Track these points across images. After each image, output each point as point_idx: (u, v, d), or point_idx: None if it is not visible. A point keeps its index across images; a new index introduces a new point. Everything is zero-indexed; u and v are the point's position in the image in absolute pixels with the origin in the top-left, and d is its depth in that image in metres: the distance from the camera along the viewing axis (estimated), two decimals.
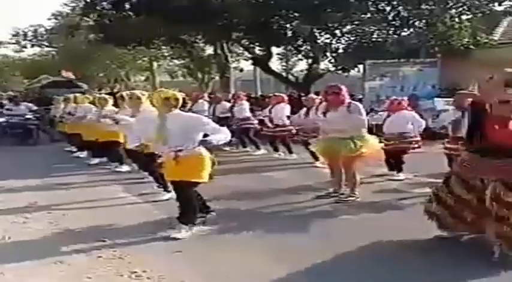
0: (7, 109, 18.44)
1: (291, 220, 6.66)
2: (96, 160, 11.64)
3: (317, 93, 13.82)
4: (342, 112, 7.48)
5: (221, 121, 11.63)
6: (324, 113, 7.60)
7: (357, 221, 6.57)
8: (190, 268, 4.94)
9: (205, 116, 8.41)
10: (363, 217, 6.74)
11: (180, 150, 5.88)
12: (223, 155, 11.60)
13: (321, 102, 8.12)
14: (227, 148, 13.16)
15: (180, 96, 6.14)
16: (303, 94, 17.36)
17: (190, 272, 4.81)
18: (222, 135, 5.92)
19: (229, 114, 13.70)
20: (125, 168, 10.50)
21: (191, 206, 6.04)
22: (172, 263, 5.13)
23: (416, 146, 9.40)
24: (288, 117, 12.29)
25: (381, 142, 8.24)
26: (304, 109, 11.06)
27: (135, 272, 4.83)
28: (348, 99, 7.61)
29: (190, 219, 6.02)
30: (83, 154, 12.74)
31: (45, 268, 5.03)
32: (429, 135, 10.23)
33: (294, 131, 12.02)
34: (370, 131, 8.66)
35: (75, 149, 13.38)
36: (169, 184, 6.95)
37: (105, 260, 5.21)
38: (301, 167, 10.82)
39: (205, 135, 5.97)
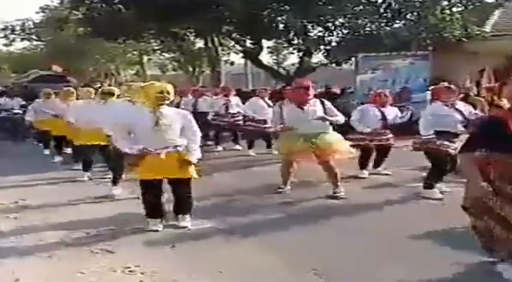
0: None
1: (283, 215, 6.64)
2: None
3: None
4: (318, 105, 7.53)
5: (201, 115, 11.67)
6: (300, 107, 7.50)
7: (354, 216, 6.56)
8: (183, 263, 4.90)
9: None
10: (360, 212, 6.72)
11: (177, 146, 5.87)
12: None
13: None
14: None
15: (172, 89, 6.03)
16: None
17: (184, 267, 4.77)
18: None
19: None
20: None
21: (191, 199, 6.13)
22: (166, 257, 5.10)
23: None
24: None
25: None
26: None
27: (128, 267, 4.78)
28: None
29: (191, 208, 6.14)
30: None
31: (37, 264, 4.98)
32: None
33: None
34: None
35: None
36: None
37: (98, 255, 5.16)
38: None
39: None
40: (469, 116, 7.27)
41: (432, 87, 8.47)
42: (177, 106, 11.09)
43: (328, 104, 7.79)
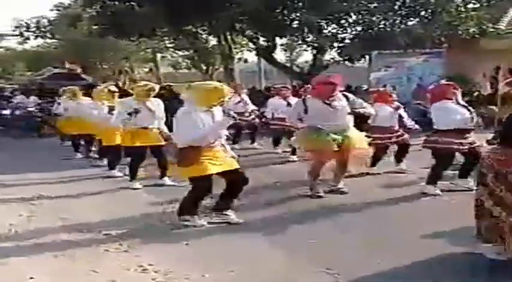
0: (10, 102, 18.49)
1: (298, 211, 6.61)
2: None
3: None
4: (344, 101, 7.39)
5: None
6: (329, 103, 7.31)
7: (361, 214, 6.54)
8: (197, 261, 4.88)
9: None
10: (370, 209, 6.71)
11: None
12: None
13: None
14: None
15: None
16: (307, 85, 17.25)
17: (197, 265, 4.74)
18: None
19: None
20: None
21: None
22: (180, 256, 5.08)
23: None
24: None
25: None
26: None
27: (142, 266, 4.78)
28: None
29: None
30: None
31: (50, 261, 4.99)
32: None
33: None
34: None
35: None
36: None
37: (112, 254, 5.17)
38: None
39: None
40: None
41: (430, 87, 8.39)
42: None
43: (351, 96, 7.62)
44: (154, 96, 8.50)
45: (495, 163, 4.47)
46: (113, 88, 10.39)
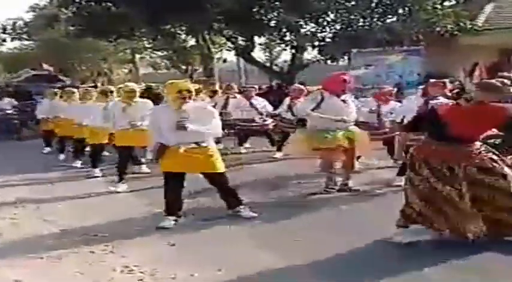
0: None
1: (284, 211, 6.60)
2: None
3: (302, 83, 13.72)
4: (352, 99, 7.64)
5: None
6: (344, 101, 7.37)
7: (359, 212, 6.58)
8: (183, 261, 4.88)
9: None
10: (365, 207, 6.76)
11: (199, 142, 6.06)
12: None
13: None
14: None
15: (192, 86, 6.24)
16: (284, 84, 17.33)
17: (184, 265, 4.74)
18: None
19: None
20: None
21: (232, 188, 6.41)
22: (165, 256, 5.09)
23: None
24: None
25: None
26: (287, 100, 11.01)
27: (128, 267, 4.77)
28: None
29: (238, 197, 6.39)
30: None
31: (36, 263, 4.96)
32: None
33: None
34: None
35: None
36: None
37: (97, 255, 5.14)
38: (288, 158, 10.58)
39: None
40: None
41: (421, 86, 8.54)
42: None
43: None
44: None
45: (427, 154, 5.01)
46: (111, 88, 10.18)
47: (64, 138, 12.06)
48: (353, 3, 17.07)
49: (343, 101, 7.32)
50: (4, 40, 34.39)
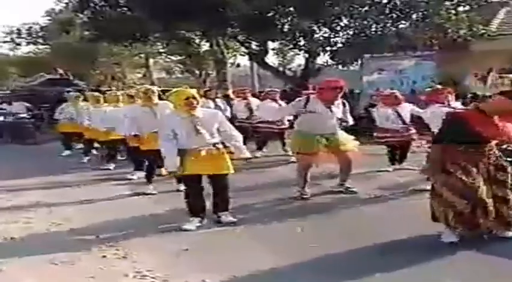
0: (2, 109, 18.45)
1: (298, 215, 6.65)
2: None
3: (314, 88, 13.70)
4: (340, 107, 7.68)
5: None
6: (329, 107, 7.52)
7: (362, 215, 6.62)
8: (196, 267, 4.89)
9: None
10: (368, 211, 6.79)
11: (215, 144, 6.25)
12: None
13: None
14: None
15: (197, 93, 6.42)
16: (298, 89, 17.30)
17: (196, 270, 4.76)
18: None
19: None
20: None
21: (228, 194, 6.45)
22: (178, 261, 5.10)
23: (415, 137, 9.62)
24: None
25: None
26: None
27: (140, 272, 4.80)
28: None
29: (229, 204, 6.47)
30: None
31: (47, 268, 4.99)
32: None
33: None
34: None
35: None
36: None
37: (110, 260, 5.18)
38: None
39: None
40: None
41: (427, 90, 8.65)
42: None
43: (347, 106, 7.91)
44: None
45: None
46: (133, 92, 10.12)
47: (92, 141, 12.16)
48: (366, 8, 17.03)
49: (329, 107, 7.48)
50: (19, 44, 34.68)
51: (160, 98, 8.64)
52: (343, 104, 7.76)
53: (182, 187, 7.70)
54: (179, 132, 6.17)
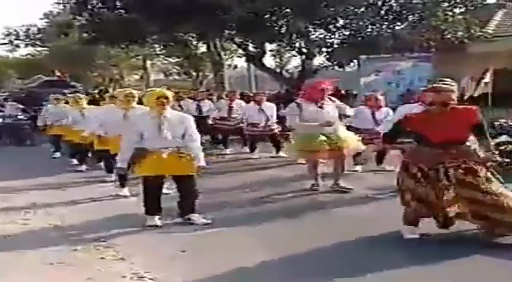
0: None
1: (292, 217, 6.69)
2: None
3: None
4: (331, 104, 7.99)
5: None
6: (321, 107, 7.82)
7: (348, 215, 6.69)
8: (193, 268, 4.91)
9: None
10: (355, 211, 6.88)
11: (179, 147, 6.36)
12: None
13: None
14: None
15: (170, 94, 6.57)
16: (293, 90, 17.35)
17: (194, 272, 4.78)
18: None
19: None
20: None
21: (197, 195, 6.52)
22: (176, 263, 5.11)
23: None
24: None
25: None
26: None
27: (138, 273, 4.81)
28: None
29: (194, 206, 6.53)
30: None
31: (45, 269, 5.00)
32: None
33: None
34: None
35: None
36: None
37: (107, 262, 5.19)
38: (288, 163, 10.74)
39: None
40: None
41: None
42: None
43: (336, 100, 8.23)
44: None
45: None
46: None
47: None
48: (362, 9, 17.07)
49: (320, 106, 7.83)
50: (17, 46, 34.72)
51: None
52: (330, 99, 8.04)
53: (123, 192, 8.05)
54: (144, 131, 6.34)
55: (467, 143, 5.39)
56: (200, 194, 6.61)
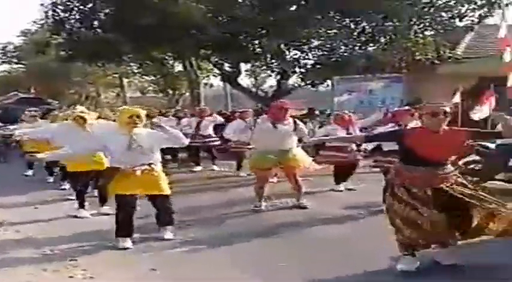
0: None
1: (264, 233, 6.83)
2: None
3: None
4: (291, 125, 8.21)
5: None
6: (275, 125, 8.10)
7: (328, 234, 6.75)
8: None
9: None
10: (329, 230, 6.96)
11: (151, 164, 6.39)
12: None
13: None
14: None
15: (143, 113, 6.56)
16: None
17: None
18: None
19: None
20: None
21: (172, 212, 6.63)
22: (146, 280, 5.20)
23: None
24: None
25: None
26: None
27: None
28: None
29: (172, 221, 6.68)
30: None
31: None
32: None
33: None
34: None
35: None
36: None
37: (76, 280, 5.24)
38: None
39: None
40: None
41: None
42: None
43: (300, 124, 8.51)
44: None
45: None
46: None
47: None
48: (335, 31, 17.40)
49: (275, 126, 8.09)
50: None
51: None
52: (295, 122, 8.31)
53: (81, 214, 8.07)
54: (113, 148, 6.42)
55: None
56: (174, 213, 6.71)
